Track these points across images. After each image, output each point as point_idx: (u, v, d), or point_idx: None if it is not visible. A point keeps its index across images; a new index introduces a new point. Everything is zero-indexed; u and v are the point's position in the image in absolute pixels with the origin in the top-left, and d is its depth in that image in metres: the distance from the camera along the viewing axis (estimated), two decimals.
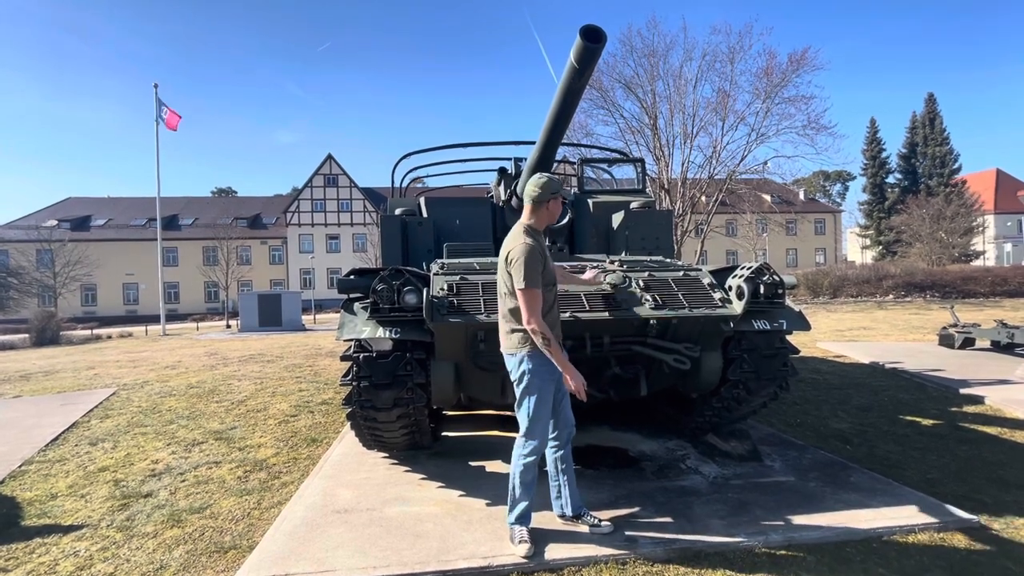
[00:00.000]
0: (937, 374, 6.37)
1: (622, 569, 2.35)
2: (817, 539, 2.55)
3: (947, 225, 31.12)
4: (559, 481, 2.70)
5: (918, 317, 14.05)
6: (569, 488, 2.69)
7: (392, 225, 4.53)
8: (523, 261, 2.40)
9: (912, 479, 3.29)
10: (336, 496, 3.15)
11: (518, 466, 2.54)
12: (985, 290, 19.41)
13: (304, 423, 4.99)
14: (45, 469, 3.97)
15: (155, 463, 4.01)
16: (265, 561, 2.44)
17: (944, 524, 2.66)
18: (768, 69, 19.08)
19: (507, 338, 2.55)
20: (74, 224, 40.90)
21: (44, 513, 3.21)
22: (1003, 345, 7.75)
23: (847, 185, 61.51)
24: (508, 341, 2.54)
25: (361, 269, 3.08)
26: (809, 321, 3.31)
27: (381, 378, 2.87)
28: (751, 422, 4.29)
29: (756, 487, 3.14)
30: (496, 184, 5.01)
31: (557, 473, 2.69)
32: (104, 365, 9.71)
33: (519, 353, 2.49)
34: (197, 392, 6.58)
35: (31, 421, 5.34)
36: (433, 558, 2.42)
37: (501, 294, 2.56)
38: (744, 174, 20.81)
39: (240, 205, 47.74)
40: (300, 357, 9.76)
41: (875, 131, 49.54)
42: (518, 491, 2.54)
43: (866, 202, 50.01)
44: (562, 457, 2.67)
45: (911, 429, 4.43)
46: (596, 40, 2.81)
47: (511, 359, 2.54)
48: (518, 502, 2.54)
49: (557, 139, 3.73)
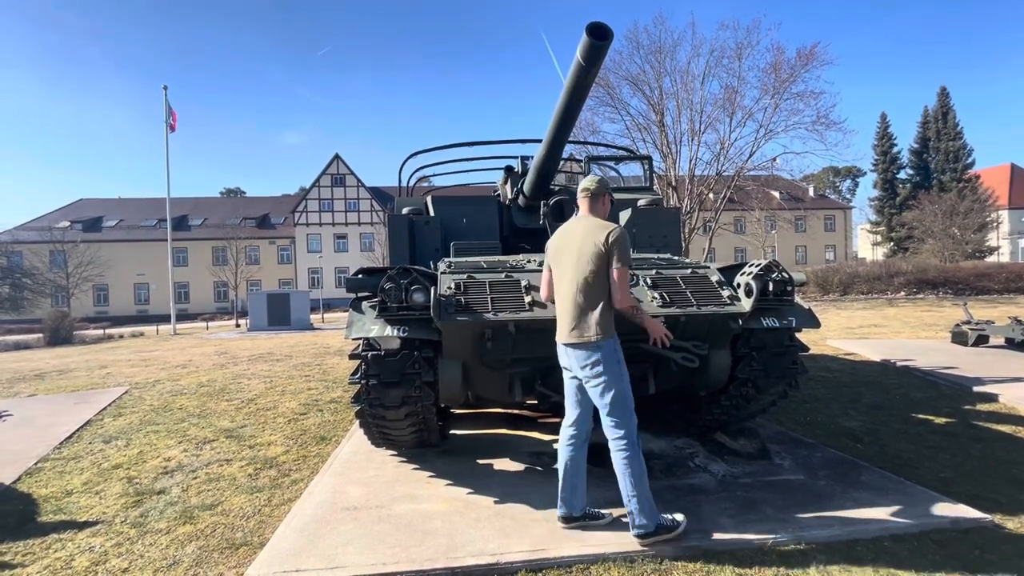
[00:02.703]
0: (950, 372, 6.29)
1: (631, 567, 2.35)
2: (827, 538, 2.53)
3: (960, 221, 30.72)
4: (572, 480, 2.65)
5: (930, 314, 13.88)
6: (582, 488, 2.68)
7: (399, 224, 4.55)
8: (627, 241, 2.53)
9: (924, 478, 3.26)
10: (345, 494, 3.17)
11: (635, 461, 2.49)
12: (999, 287, 19.11)
13: (313, 421, 5.02)
14: (60, 466, 4.03)
15: (167, 461, 4.06)
16: (276, 557, 2.46)
17: (957, 523, 2.63)
18: (776, 65, 18.92)
19: (582, 329, 2.52)
20: (86, 225, 41.45)
21: (59, 510, 3.26)
22: (1017, 342, 7.63)
23: (857, 181, 60.94)
24: (583, 331, 2.51)
25: (369, 268, 3.09)
26: (819, 318, 3.28)
27: (389, 376, 2.88)
28: (760, 420, 4.27)
29: (765, 485, 3.13)
30: (503, 183, 5.01)
31: (571, 470, 2.66)
32: (116, 364, 9.83)
33: (601, 341, 2.49)
34: (207, 391, 6.65)
35: (46, 420, 5.42)
36: (441, 555, 2.43)
37: (576, 283, 2.54)
38: (752, 171, 20.65)
39: (248, 205, 48.14)
40: (309, 356, 9.82)
41: (886, 126, 48.96)
42: (644, 486, 2.48)
43: (877, 198, 49.45)
44: (583, 454, 2.67)
45: (923, 427, 4.39)
46: (602, 37, 2.80)
47: (586, 351, 2.51)
48: (646, 496, 2.48)
49: (564, 137, 3.72)
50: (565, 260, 2.63)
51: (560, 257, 2.67)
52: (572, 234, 2.66)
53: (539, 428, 4.32)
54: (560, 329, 2.63)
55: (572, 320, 2.57)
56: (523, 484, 3.25)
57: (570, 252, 2.61)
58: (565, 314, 2.60)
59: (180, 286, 38.88)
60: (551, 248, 2.76)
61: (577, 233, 2.63)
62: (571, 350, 2.58)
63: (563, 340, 2.61)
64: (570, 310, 2.58)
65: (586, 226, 2.63)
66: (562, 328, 2.62)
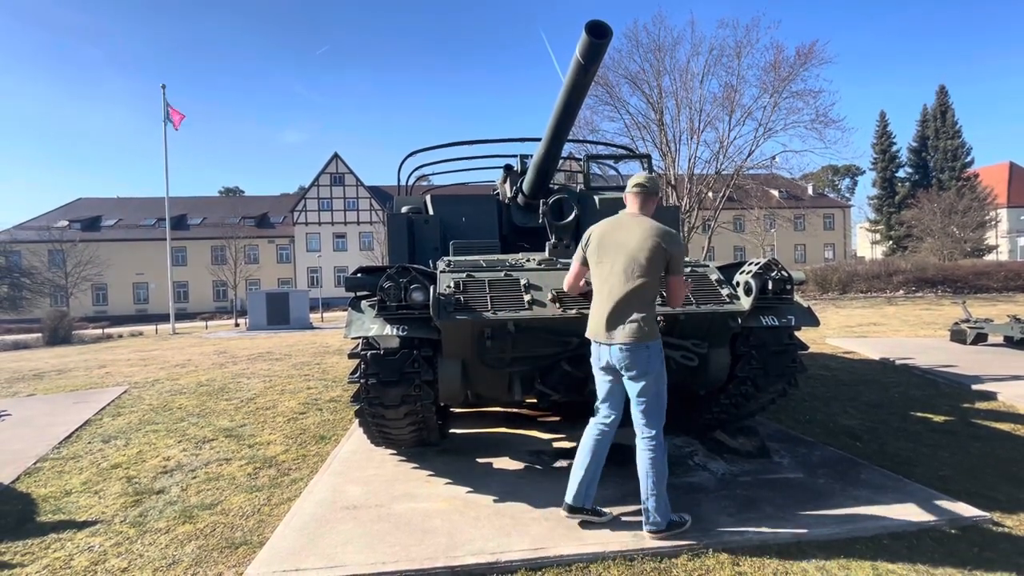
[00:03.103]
0: (949, 370, 6.29)
1: (630, 565, 2.35)
2: (827, 536, 2.53)
3: (959, 219, 30.74)
4: (593, 471, 2.65)
5: (929, 313, 13.90)
6: (596, 482, 2.69)
7: (398, 223, 4.54)
8: (684, 250, 2.55)
9: (923, 476, 3.26)
10: (345, 493, 3.17)
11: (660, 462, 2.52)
12: (998, 285, 19.14)
13: (313, 420, 5.02)
14: (59, 466, 4.03)
15: (167, 460, 4.05)
16: (276, 557, 2.46)
17: (955, 521, 2.64)
18: (776, 63, 18.96)
19: (632, 329, 2.49)
20: (85, 224, 41.39)
21: (59, 509, 3.26)
22: (1016, 341, 7.65)
23: (856, 180, 60.91)
24: (634, 331, 2.48)
25: (368, 267, 3.09)
26: (818, 317, 3.29)
27: (388, 375, 2.88)
28: (759, 419, 4.27)
29: (765, 484, 3.13)
30: (502, 181, 5.00)
31: (595, 461, 2.65)
32: (115, 364, 9.82)
33: (650, 343, 2.51)
34: (207, 390, 6.64)
35: (45, 419, 5.41)
36: (441, 554, 2.43)
37: (630, 284, 2.51)
38: (751, 169, 20.67)
39: (247, 204, 48.07)
40: (308, 355, 9.82)
41: (885, 125, 49.00)
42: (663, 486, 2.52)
43: (876, 197, 49.49)
44: (607, 449, 2.68)
45: (922, 426, 4.39)
46: (601, 36, 2.79)
47: (635, 351, 2.49)
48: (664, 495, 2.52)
49: (563, 135, 3.72)
50: (617, 258, 2.56)
51: (609, 253, 2.59)
52: (628, 232, 2.58)
53: (539, 427, 4.32)
54: (604, 326, 2.55)
55: (620, 319, 2.51)
56: (522, 483, 3.25)
57: (625, 251, 2.55)
58: (611, 313, 2.53)
59: (179, 285, 38.84)
60: (596, 240, 2.65)
61: (635, 233, 2.57)
62: (616, 349, 2.52)
63: (609, 340, 2.53)
64: (620, 309, 2.52)
65: (647, 228, 2.58)
66: (608, 326, 2.54)
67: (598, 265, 2.63)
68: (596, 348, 2.64)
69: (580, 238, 2.78)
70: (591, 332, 2.64)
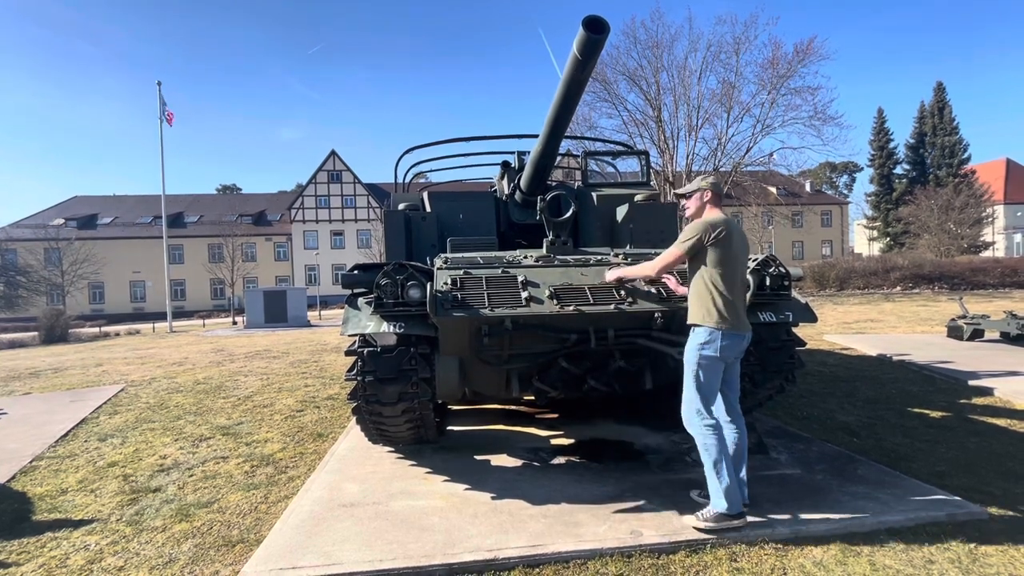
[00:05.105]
0: (946, 366, 6.31)
1: (627, 562, 2.35)
2: (824, 532, 2.53)
3: (956, 216, 30.77)
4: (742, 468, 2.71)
5: (926, 309, 13.94)
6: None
7: (396, 220, 4.52)
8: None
9: (920, 472, 3.27)
10: (342, 490, 3.17)
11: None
12: (994, 281, 19.19)
13: (310, 418, 5.01)
14: (55, 465, 4.01)
15: (163, 458, 4.04)
16: (273, 554, 2.45)
17: (952, 516, 2.64)
18: (774, 59, 18.98)
19: (746, 319, 2.69)
20: (81, 223, 41.19)
21: (55, 508, 3.24)
22: (1013, 336, 7.68)
23: (854, 176, 60.92)
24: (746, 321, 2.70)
25: (365, 264, 3.08)
26: (816, 313, 3.29)
27: (386, 373, 2.87)
28: (757, 415, 4.27)
29: (762, 480, 3.13)
30: (499, 178, 4.99)
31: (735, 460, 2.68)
32: (112, 362, 9.79)
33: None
34: (204, 388, 6.63)
35: (41, 418, 5.40)
36: (439, 551, 2.43)
37: (743, 278, 2.76)
38: (749, 166, 20.69)
39: (245, 202, 47.91)
40: (305, 353, 9.80)
41: (882, 121, 49.00)
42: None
43: (873, 193, 49.53)
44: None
45: (919, 421, 4.40)
46: (599, 31, 2.78)
47: (746, 340, 2.71)
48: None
49: (561, 132, 3.70)
50: (741, 255, 2.68)
51: (738, 250, 2.65)
52: (740, 231, 2.73)
53: (536, 424, 4.32)
54: (743, 316, 2.66)
55: (744, 311, 2.68)
56: (520, 480, 3.25)
57: (743, 248, 2.71)
58: (740, 305, 2.66)
59: (176, 283, 38.74)
60: (731, 234, 2.61)
61: (740, 232, 2.73)
62: (744, 338, 2.66)
63: (747, 329, 2.67)
64: (742, 302, 2.69)
65: (739, 227, 2.74)
66: (744, 317, 2.67)
67: (734, 259, 2.63)
68: (731, 339, 2.57)
69: (577, 234, 2.79)
70: (730, 324, 2.56)
